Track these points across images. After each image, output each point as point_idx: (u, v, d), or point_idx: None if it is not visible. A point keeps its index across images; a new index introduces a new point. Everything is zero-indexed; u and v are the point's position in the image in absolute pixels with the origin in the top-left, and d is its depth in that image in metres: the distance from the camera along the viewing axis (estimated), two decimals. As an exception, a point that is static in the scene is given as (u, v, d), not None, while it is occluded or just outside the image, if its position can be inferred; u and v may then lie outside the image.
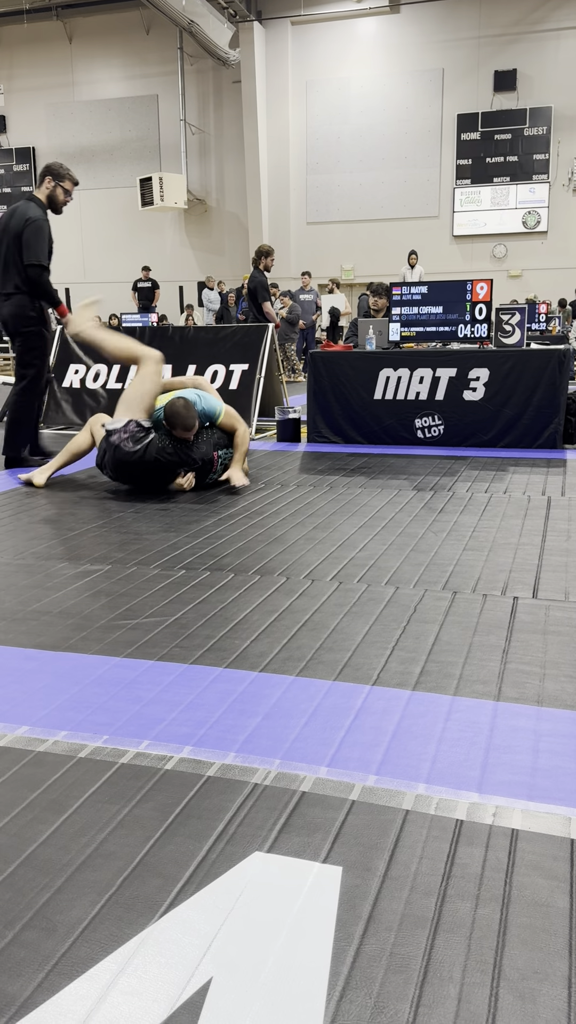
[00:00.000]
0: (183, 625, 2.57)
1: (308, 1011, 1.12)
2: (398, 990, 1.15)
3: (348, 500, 4.29)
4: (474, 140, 18.03)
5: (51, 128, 20.68)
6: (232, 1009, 1.13)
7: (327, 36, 18.21)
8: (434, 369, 5.90)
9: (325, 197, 19.05)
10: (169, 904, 1.34)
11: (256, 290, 9.25)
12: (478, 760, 1.74)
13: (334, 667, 2.24)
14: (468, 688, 2.09)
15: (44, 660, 2.33)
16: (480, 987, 1.16)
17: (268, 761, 1.76)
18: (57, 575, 3.10)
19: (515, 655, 2.29)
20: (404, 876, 1.39)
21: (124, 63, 19.96)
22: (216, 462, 4.65)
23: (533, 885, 1.36)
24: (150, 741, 1.86)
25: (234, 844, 1.49)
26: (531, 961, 1.20)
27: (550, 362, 5.69)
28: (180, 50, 18.89)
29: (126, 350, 5.03)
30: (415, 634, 2.46)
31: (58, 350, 7.55)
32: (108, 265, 20.41)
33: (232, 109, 19.23)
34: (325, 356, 6.25)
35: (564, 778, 1.67)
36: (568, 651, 2.32)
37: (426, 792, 1.63)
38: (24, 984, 1.18)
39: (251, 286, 9.30)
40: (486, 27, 17.45)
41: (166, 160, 19.97)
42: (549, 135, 17.56)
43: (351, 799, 1.61)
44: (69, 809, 1.61)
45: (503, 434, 5.81)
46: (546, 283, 17.44)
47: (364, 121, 18.45)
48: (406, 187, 18.53)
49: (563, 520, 3.78)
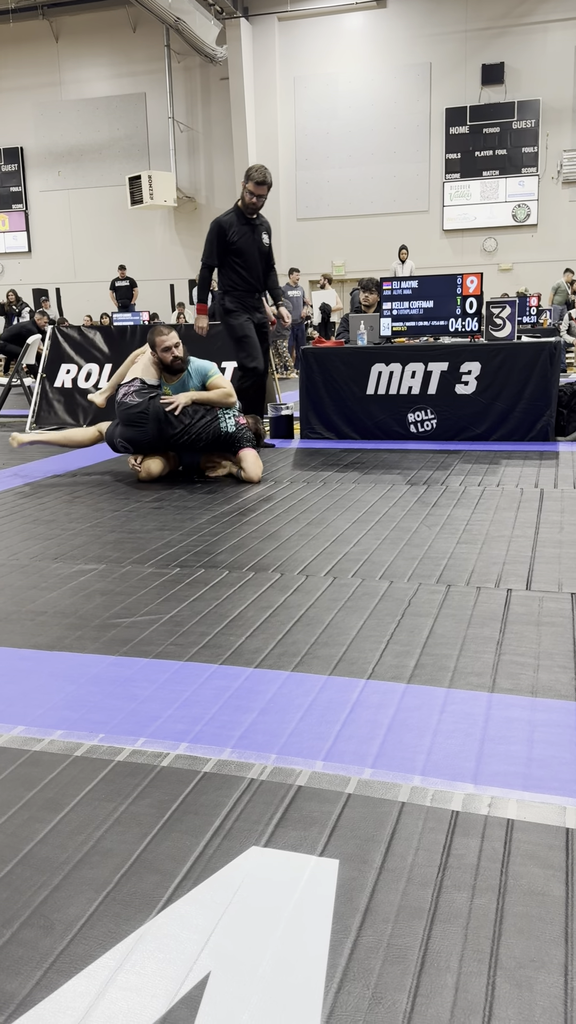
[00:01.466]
0: (178, 623, 2.58)
1: (306, 1003, 1.13)
2: (396, 981, 1.16)
3: (342, 495, 4.29)
4: (463, 134, 18.02)
5: (39, 128, 20.61)
6: (230, 1003, 1.14)
7: (314, 32, 18.17)
8: (426, 363, 5.90)
9: (315, 193, 19.03)
10: (166, 900, 1.34)
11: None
12: (473, 751, 1.75)
13: (329, 662, 2.24)
14: (463, 680, 2.10)
15: (39, 660, 2.33)
16: (477, 976, 1.16)
17: (264, 756, 1.76)
18: (52, 575, 3.10)
19: (509, 647, 2.30)
20: (401, 868, 1.40)
21: (111, 61, 19.90)
22: (221, 420, 4.75)
23: (529, 874, 1.37)
24: (146, 738, 1.86)
25: (231, 839, 1.49)
26: (527, 949, 1.21)
27: (541, 355, 5.70)
28: (167, 47, 18.83)
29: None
30: (410, 628, 2.47)
31: (49, 350, 7.53)
32: (98, 264, 20.36)
33: (220, 106, 19.19)
34: (317, 352, 6.25)
35: (559, 768, 1.68)
36: (562, 642, 2.33)
37: (422, 784, 1.63)
38: (23, 982, 1.18)
39: None
40: (473, 20, 17.43)
41: (155, 158, 19.93)
42: (538, 128, 17.56)
43: (347, 792, 1.62)
44: (66, 807, 1.61)
45: (495, 427, 5.82)
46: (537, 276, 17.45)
47: (352, 116, 18.43)
48: (395, 182, 18.52)
49: (556, 512, 3.79)
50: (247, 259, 5.63)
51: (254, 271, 5.69)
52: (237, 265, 5.63)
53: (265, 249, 5.74)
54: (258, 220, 5.69)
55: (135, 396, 4.65)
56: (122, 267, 17.96)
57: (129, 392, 4.68)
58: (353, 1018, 1.10)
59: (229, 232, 5.56)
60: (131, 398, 4.65)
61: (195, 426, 4.65)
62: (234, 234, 5.57)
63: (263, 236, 5.71)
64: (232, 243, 5.57)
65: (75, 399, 7.33)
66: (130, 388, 4.69)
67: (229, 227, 5.57)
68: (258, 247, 5.67)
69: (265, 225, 5.76)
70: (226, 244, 5.58)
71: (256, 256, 5.67)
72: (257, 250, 5.67)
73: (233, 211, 5.65)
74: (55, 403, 7.40)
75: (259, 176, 5.48)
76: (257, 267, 5.71)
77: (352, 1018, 1.10)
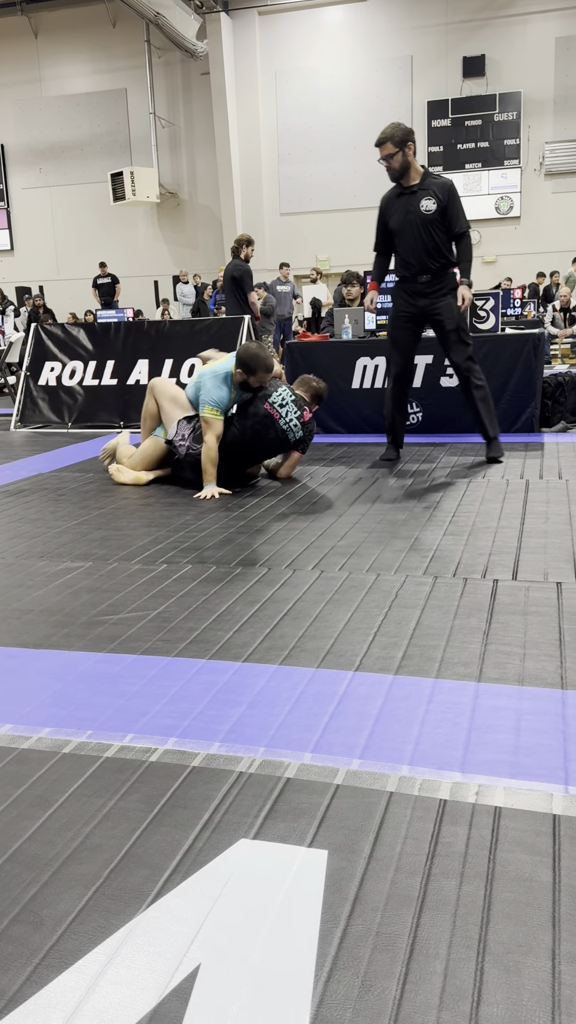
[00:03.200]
0: (166, 618, 2.57)
1: (296, 992, 1.13)
2: (385, 968, 1.16)
3: (328, 489, 4.29)
4: (445, 127, 18.02)
5: (19, 125, 20.46)
6: (221, 994, 1.14)
7: (295, 26, 18.11)
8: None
9: (298, 187, 18.99)
10: (156, 894, 1.34)
11: (243, 279, 8.93)
12: (461, 740, 1.76)
13: (317, 654, 2.25)
14: (450, 670, 2.11)
15: (26, 658, 2.32)
16: (466, 962, 1.17)
17: (253, 749, 1.77)
18: (38, 573, 3.09)
19: (496, 636, 2.31)
20: (389, 857, 1.40)
21: (91, 57, 19.77)
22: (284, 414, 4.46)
23: (516, 861, 1.38)
24: (134, 734, 1.86)
25: (220, 832, 1.49)
26: (515, 935, 1.22)
27: (525, 346, 5.71)
28: (147, 43, 18.72)
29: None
30: (397, 619, 2.47)
31: (32, 347, 7.50)
32: (81, 262, 20.24)
33: (201, 101, 19.11)
34: (302, 346, 6.25)
35: (545, 755, 1.69)
36: (548, 631, 2.34)
37: (410, 774, 1.64)
38: (13, 978, 1.18)
39: (236, 274, 8.96)
40: (453, 13, 17.42)
41: (137, 154, 19.82)
42: (519, 120, 17.58)
43: (335, 783, 1.62)
44: (54, 804, 1.61)
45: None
46: (521, 268, 17.49)
47: (334, 110, 18.38)
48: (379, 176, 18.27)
49: (541, 503, 3.80)
50: (403, 239, 4.77)
51: (414, 251, 4.74)
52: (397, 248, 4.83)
53: (430, 216, 4.67)
54: (420, 186, 4.73)
55: (195, 444, 4.40)
56: (103, 264, 17.88)
57: (187, 444, 4.43)
58: (343, 1006, 1.10)
59: (388, 212, 4.85)
60: (195, 448, 4.39)
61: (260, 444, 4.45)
62: (391, 212, 4.83)
63: (422, 203, 4.69)
64: (388, 224, 4.86)
65: (59, 397, 7.30)
66: (182, 443, 4.44)
67: (388, 205, 4.86)
68: (419, 219, 4.69)
69: (431, 189, 4.71)
70: (385, 226, 4.87)
71: (410, 233, 4.73)
72: (419, 223, 4.69)
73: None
74: (40, 401, 7.37)
75: (377, 140, 4.80)
76: (410, 243, 4.74)
77: (342, 1006, 1.10)
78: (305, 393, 4.62)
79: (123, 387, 7.10)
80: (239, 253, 9.00)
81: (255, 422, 4.40)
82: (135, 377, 7.08)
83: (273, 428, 4.41)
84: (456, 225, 4.72)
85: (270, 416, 4.41)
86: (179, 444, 4.49)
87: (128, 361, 7.13)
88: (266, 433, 4.41)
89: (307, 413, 4.51)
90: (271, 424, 4.41)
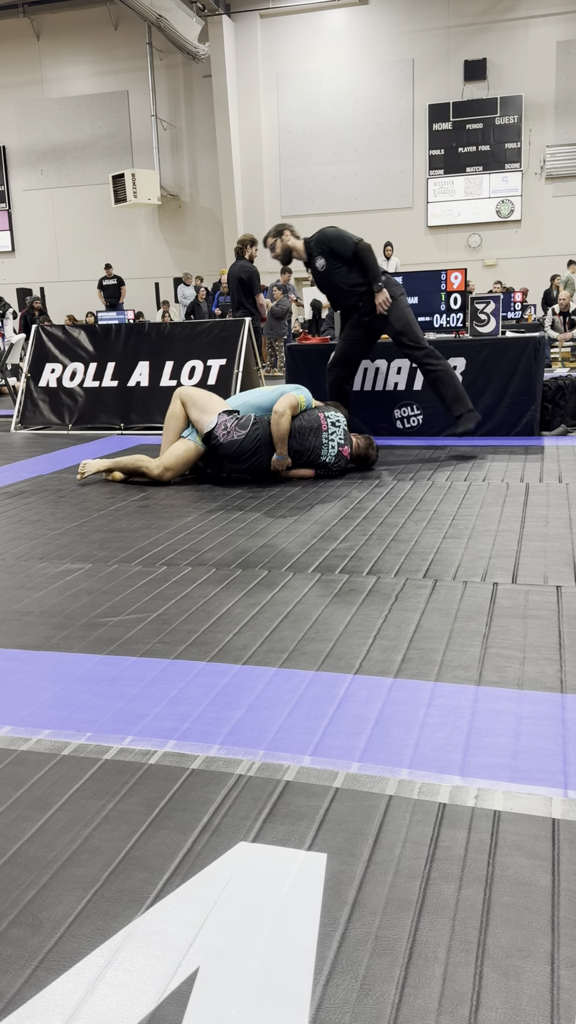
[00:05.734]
0: (165, 621, 2.57)
1: (295, 996, 1.13)
2: (384, 972, 1.16)
3: (328, 492, 4.29)
4: (446, 130, 18.04)
5: (21, 127, 20.49)
6: (219, 997, 1.14)
7: (296, 29, 18.14)
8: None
9: (299, 190, 19.01)
10: (155, 897, 1.34)
11: (251, 280, 8.61)
12: (460, 744, 1.76)
13: (316, 657, 2.25)
14: (449, 674, 2.11)
15: (25, 660, 2.32)
16: (464, 966, 1.17)
17: (252, 752, 1.77)
18: (38, 575, 3.09)
19: (495, 640, 2.31)
20: (388, 860, 1.40)
21: (93, 59, 19.80)
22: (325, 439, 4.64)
23: (516, 865, 1.38)
24: (134, 736, 1.86)
25: (219, 835, 1.49)
26: (514, 939, 1.22)
27: (526, 350, 5.72)
28: (149, 45, 18.75)
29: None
30: (396, 622, 2.47)
31: (33, 349, 7.50)
32: (82, 263, 20.27)
33: (203, 104, 19.13)
34: (302, 349, 6.25)
35: (545, 759, 1.69)
36: (547, 634, 2.34)
37: (409, 777, 1.64)
38: (11, 980, 1.18)
39: (244, 276, 8.60)
40: (455, 17, 17.45)
41: (138, 156, 19.85)
42: (520, 123, 17.60)
43: (335, 786, 1.62)
44: (53, 806, 1.61)
45: (481, 422, 5.82)
46: (521, 271, 17.51)
47: (335, 113, 18.41)
48: (379, 179, 18.52)
49: (541, 506, 3.80)
50: (328, 294, 5.37)
51: (340, 298, 5.31)
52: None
53: (327, 268, 5.21)
54: (306, 252, 5.28)
55: (237, 430, 4.51)
56: (108, 266, 17.89)
57: (229, 429, 4.52)
58: (342, 1010, 1.10)
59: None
60: (236, 433, 4.50)
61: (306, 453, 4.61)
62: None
63: (317, 263, 5.25)
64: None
65: (60, 398, 7.30)
66: (223, 431, 4.52)
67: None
68: (323, 276, 5.26)
69: (312, 250, 5.26)
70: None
71: (324, 285, 5.30)
72: (326, 279, 5.26)
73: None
74: (40, 403, 7.37)
75: (263, 238, 5.56)
76: (331, 290, 5.30)
77: (341, 1010, 1.10)
78: (359, 442, 4.80)
79: (123, 389, 7.10)
80: (243, 254, 8.65)
81: (303, 423, 4.59)
82: (135, 379, 7.08)
83: (315, 436, 4.59)
84: (345, 253, 5.14)
85: (319, 425, 4.61)
86: (221, 432, 4.57)
87: (129, 363, 7.14)
88: (307, 437, 4.59)
89: (346, 451, 4.69)
90: (316, 432, 4.60)
